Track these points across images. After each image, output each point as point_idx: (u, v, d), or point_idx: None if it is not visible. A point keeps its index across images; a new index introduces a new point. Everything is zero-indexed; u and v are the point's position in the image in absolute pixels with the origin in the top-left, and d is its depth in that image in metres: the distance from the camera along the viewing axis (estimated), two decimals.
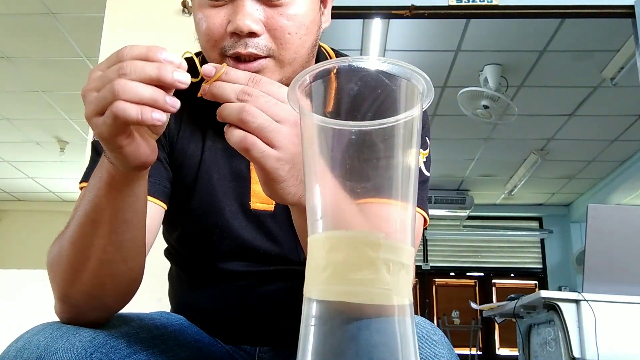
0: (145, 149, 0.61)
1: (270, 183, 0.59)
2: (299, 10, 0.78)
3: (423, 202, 0.88)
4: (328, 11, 0.87)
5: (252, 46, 0.76)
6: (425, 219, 0.89)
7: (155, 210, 0.82)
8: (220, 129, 0.87)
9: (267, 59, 0.77)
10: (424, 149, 0.90)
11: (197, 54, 0.95)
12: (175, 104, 0.57)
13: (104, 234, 0.65)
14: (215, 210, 0.86)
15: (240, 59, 0.77)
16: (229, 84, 0.58)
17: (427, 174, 0.90)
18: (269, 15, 0.76)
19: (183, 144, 0.87)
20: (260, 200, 0.87)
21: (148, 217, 0.81)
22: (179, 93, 0.87)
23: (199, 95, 0.61)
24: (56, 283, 0.70)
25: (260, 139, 0.57)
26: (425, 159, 0.89)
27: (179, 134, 0.87)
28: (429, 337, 0.69)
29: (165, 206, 0.85)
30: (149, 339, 0.77)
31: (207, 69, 0.60)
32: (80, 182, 0.81)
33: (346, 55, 0.95)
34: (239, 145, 0.57)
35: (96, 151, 0.82)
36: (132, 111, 0.55)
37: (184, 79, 0.57)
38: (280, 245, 0.88)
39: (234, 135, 0.58)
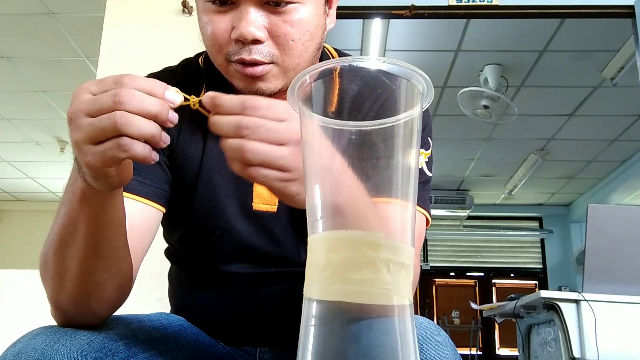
0: (128, 173, 0.61)
1: (282, 197, 0.60)
2: (303, 16, 0.77)
3: (425, 202, 0.88)
4: (333, 12, 0.87)
5: (256, 53, 0.76)
6: (427, 219, 0.89)
7: (152, 213, 0.82)
8: None
9: (271, 64, 0.78)
10: (426, 149, 0.89)
11: (200, 54, 0.95)
12: (166, 140, 0.56)
13: (81, 247, 0.65)
14: (217, 212, 0.86)
15: (245, 64, 0.77)
16: (225, 119, 0.56)
17: (429, 174, 0.90)
18: (272, 22, 0.76)
19: (183, 145, 0.87)
20: (262, 201, 0.86)
21: (146, 220, 0.80)
22: (184, 93, 0.86)
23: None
24: (46, 289, 0.71)
25: (268, 168, 0.56)
26: (427, 159, 0.89)
27: (179, 136, 0.87)
28: (433, 338, 0.69)
29: (163, 209, 0.84)
30: (148, 340, 0.76)
31: (170, 98, 0.57)
32: None
33: (348, 55, 0.95)
34: (243, 175, 0.57)
35: None
36: (139, 150, 0.54)
37: (174, 120, 0.56)
38: (281, 246, 0.87)
39: (235, 168, 0.58)
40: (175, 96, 0.57)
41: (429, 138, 0.90)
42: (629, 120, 4.85)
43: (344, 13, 2.78)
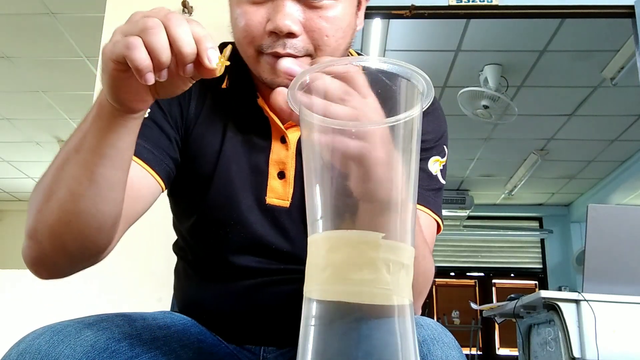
0: (138, 94, 0.60)
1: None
2: (338, 13, 0.78)
3: (438, 207, 0.89)
4: (362, 13, 0.88)
5: (290, 47, 0.76)
6: (439, 225, 0.90)
7: (151, 183, 0.80)
8: (242, 121, 0.88)
9: (304, 58, 0.78)
10: (442, 157, 0.91)
11: (225, 44, 0.95)
12: (162, 76, 0.57)
13: (79, 162, 0.65)
14: (232, 203, 0.86)
15: (278, 56, 0.77)
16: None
17: (442, 181, 0.91)
18: (308, 16, 0.77)
19: (200, 130, 0.87)
20: (276, 196, 0.87)
21: (143, 187, 0.79)
22: (204, 81, 0.87)
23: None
24: (28, 215, 0.69)
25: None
26: (442, 167, 0.90)
27: (198, 120, 0.87)
28: (440, 339, 0.69)
29: (162, 186, 0.82)
30: (152, 340, 0.76)
31: (211, 55, 0.57)
32: None
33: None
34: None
35: None
36: (141, 55, 0.54)
37: (188, 72, 0.58)
38: (292, 242, 0.87)
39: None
40: (215, 56, 0.57)
41: (445, 146, 0.91)
42: (629, 120, 4.85)
43: None
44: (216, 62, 0.57)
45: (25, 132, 5.25)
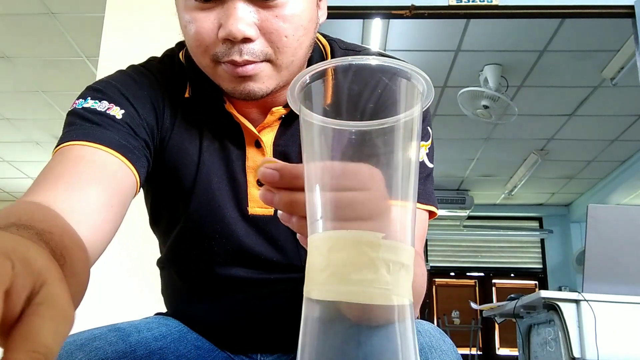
0: None
1: None
2: (295, 9, 0.71)
3: (429, 196, 0.83)
4: (324, 4, 0.82)
5: (247, 53, 0.70)
6: (433, 212, 0.84)
7: (133, 182, 0.73)
8: (217, 128, 0.84)
9: (264, 63, 0.72)
10: (426, 140, 0.84)
11: (181, 45, 0.88)
12: None
13: None
14: (215, 215, 0.82)
15: (236, 64, 0.72)
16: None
17: (430, 165, 0.85)
18: (263, 17, 0.70)
19: (177, 141, 0.82)
20: (258, 205, 0.82)
21: (129, 186, 0.72)
22: (173, 89, 0.82)
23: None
24: None
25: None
26: (427, 150, 0.85)
27: (173, 130, 0.82)
28: (438, 346, 0.67)
29: (138, 177, 0.74)
30: (147, 355, 0.74)
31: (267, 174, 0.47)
32: (55, 148, 0.73)
33: (336, 40, 0.91)
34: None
35: (78, 116, 0.76)
36: None
37: None
38: (282, 250, 0.84)
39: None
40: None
41: (428, 128, 0.85)
42: (629, 120, 4.85)
43: (344, 13, 2.77)
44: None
45: (25, 132, 5.25)
